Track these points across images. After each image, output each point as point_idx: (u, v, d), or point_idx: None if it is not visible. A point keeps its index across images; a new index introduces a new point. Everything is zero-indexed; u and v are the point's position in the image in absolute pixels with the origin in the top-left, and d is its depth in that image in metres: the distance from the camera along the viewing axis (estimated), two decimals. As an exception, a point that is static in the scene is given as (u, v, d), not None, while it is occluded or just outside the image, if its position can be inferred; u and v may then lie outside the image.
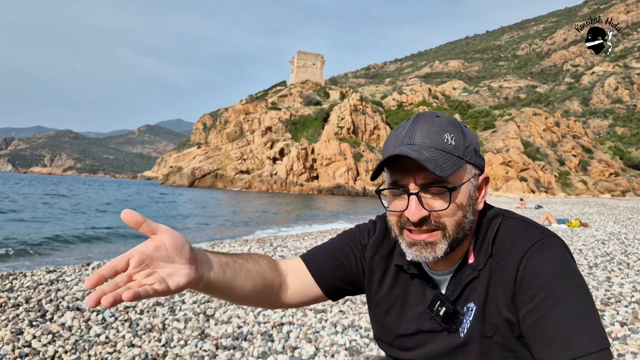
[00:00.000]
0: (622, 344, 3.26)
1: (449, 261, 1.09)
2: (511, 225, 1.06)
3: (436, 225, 1.00)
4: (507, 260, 1.00)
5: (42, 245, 10.43)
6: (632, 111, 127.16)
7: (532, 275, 0.95)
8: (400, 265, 1.16)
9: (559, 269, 0.95)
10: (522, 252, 0.98)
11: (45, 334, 3.52)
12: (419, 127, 1.01)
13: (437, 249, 1.01)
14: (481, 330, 1.02)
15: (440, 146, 0.99)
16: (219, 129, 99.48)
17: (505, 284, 0.99)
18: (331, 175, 68.97)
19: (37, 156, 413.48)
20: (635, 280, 5.34)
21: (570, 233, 11.58)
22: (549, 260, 0.96)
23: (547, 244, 0.99)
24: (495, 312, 1.01)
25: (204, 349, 3.34)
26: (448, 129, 1.01)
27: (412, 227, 1.01)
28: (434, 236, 1.01)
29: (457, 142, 1.01)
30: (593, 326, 0.88)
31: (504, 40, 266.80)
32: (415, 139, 1.00)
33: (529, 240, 1.00)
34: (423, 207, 0.99)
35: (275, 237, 12.26)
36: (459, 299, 1.07)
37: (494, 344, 1.01)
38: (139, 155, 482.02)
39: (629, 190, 69.43)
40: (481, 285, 1.04)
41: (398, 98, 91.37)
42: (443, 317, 1.06)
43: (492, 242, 1.05)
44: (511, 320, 0.98)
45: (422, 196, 0.99)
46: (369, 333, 3.68)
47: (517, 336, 0.98)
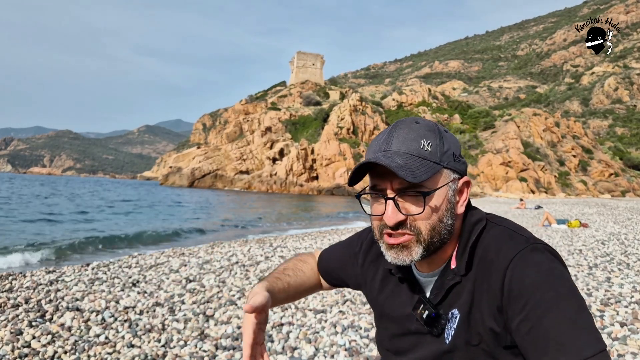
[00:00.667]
0: (622, 344, 3.26)
1: (433, 264, 1.11)
2: (496, 234, 1.06)
3: (411, 229, 1.02)
4: (491, 269, 1.01)
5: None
6: (632, 111, 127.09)
7: (519, 284, 0.95)
8: (389, 269, 1.21)
9: (545, 275, 0.95)
10: (506, 262, 0.98)
11: (45, 334, 3.51)
12: (396, 134, 1.04)
13: (413, 253, 1.03)
14: (466, 338, 1.03)
15: (415, 152, 1.01)
16: (218, 129, 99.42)
17: (490, 294, 1.00)
18: (331, 175, 68.94)
19: (36, 156, 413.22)
20: (635, 281, 5.34)
21: (570, 233, 11.57)
22: (534, 268, 0.96)
23: (531, 252, 0.99)
24: (480, 321, 1.01)
25: (204, 349, 3.34)
26: (426, 134, 1.04)
27: (389, 230, 1.04)
28: (408, 240, 1.03)
29: (434, 147, 1.03)
30: (587, 329, 0.88)
31: (504, 40, 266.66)
32: (392, 146, 1.03)
33: (513, 249, 1.00)
34: (399, 211, 1.01)
35: (275, 238, 12.26)
36: (441, 303, 1.09)
37: (480, 351, 1.02)
38: (139, 156, 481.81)
39: (629, 190, 69.40)
40: (466, 293, 1.05)
41: (398, 98, 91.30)
42: (425, 320, 1.08)
43: (472, 248, 1.06)
44: (496, 330, 0.99)
45: (399, 200, 1.02)
46: (368, 333, 3.68)
47: (504, 346, 0.99)
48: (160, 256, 7.92)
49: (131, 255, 8.18)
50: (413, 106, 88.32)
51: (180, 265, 6.75)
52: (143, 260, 7.42)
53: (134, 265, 6.87)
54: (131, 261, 7.27)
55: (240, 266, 6.79)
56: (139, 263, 7.06)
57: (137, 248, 10.90)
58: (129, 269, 6.53)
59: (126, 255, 8.28)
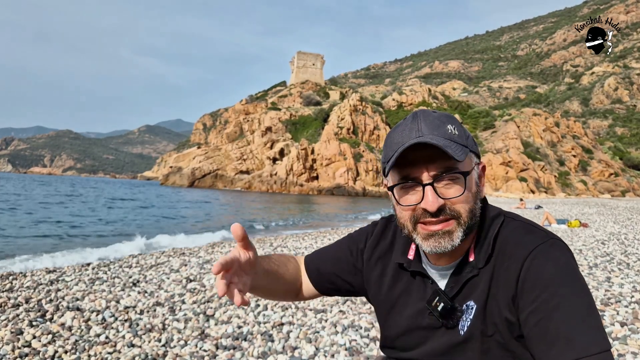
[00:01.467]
0: (622, 344, 3.26)
1: (452, 255, 1.11)
2: (515, 227, 1.08)
3: (451, 214, 1.03)
4: (510, 261, 1.02)
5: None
6: (631, 111, 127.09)
7: (535, 276, 0.96)
8: (401, 263, 1.19)
9: (561, 271, 0.96)
10: (525, 254, 1.00)
11: (45, 334, 3.51)
12: (422, 121, 1.04)
13: (454, 237, 1.03)
14: (482, 328, 1.04)
15: (447, 136, 1.02)
16: (218, 129, 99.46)
17: (507, 284, 1.01)
18: (331, 175, 68.94)
19: (37, 156, 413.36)
20: (635, 281, 5.34)
21: (570, 233, 11.57)
22: (552, 263, 0.97)
23: (550, 247, 1.00)
24: (496, 311, 1.02)
25: (204, 349, 3.34)
26: (449, 120, 1.06)
27: (428, 218, 1.03)
28: (450, 225, 1.03)
29: (459, 131, 1.05)
30: (595, 327, 0.89)
31: (504, 40, 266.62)
32: (423, 131, 1.02)
33: (533, 242, 1.01)
34: (439, 196, 1.02)
35: (275, 237, 12.26)
36: (457, 296, 1.09)
37: (494, 342, 1.03)
38: (139, 156, 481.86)
39: (629, 190, 69.40)
40: (482, 284, 1.05)
41: (398, 98, 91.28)
42: (441, 312, 1.08)
43: (494, 242, 1.07)
44: (510, 320, 1.00)
45: (436, 186, 1.02)
46: (369, 333, 3.68)
47: (517, 336, 1.00)
48: (161, 256, 7.93)
49: (132, 255, 8.19)
50: (413, 106, 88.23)
51: (180, 265, 6.75)
52: (143, 260, 7.43)
53: (134, 265, 6.87)
54: (132, 261, 7.27)
55: (240, 266, 6.78)
56: (139, 263, 7.06)
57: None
58: (129, 268, 6.53)
59: (127, 255, 8.29)
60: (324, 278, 1.34)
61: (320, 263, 1.35)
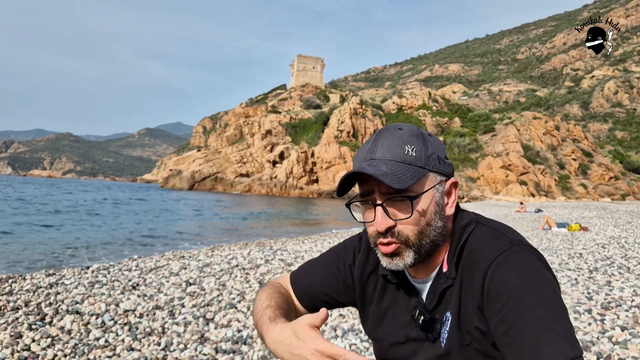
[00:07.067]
0: (623, 348, 3.25)
1: (427, 269, 1.12)
2: (481, 234, 1.07)
3: (398, 236, 1.03)
4: (474, 270, 1.02)
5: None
6: (632, 115, 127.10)
7: (499, 286, 0.95)
8: (385, 275, 1.19)
9: (526, 278, 0.95)
10: (488, 263, 0.99)
11: (45, 337, 3.51)
12: (380, 142, 1.06)
13: (405, 258, 1.04)
14: (459, 339, 1.04)
15: (400, 159, 1.03)
16: (218, 132, 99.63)
17: (473, 294, 1.01)
18: (331, 178, 68.92)
19: (36, 159, 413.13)
20: (635, 285, 5.33)
21: (571, 237, 11.56)
22: (516, 270, 0.96)
23: (514, 254, 0.99)
24: (468, 320, 1.02)
25: (204, 352, 3.33)
26: (409, 140, 1.05)
27: (380, 238, 1.05)
28: (397, 247, 1.04)
29: (418, 152, 1.04)
30: (562, 336, 0.88)
31: (504, 44, 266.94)
32: (377, 154, 1.04)
33: (496, 249, 1.00)
34: (389, 217, 1.03)
35: (275, 241, 12.25)
36: (437, 307, 1.09)
37: (472, 351, 1.03)
38: (139, 159, 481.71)
39: (629, 194, 69.34)
40: (455, 294, 1.06)
41: (398, 102, 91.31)
42: (422, 325, 1.08)
43: (460, 251, 1.07)
44: (481, 329, 1.00)
45: (387, 206, 1.03)
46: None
47: (492, 344, 0.99)
48: (160, 259, 7.92)
49: (131, 259, 8.17)
50: (413, 109, 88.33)
51: (180, 269, 6.74)
52: (143, 263, 7.42)
53: (134, 268, 6.86)
54: (131, 264, 7.26)
55: (240, 269, 6.78)
56: (138, 266, 7.05)
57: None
58: (129, 272, 6.52)
59: (126, 259, 8.28)
60: (314, 298, 1.31)
61: (309, 283, 1.31)
